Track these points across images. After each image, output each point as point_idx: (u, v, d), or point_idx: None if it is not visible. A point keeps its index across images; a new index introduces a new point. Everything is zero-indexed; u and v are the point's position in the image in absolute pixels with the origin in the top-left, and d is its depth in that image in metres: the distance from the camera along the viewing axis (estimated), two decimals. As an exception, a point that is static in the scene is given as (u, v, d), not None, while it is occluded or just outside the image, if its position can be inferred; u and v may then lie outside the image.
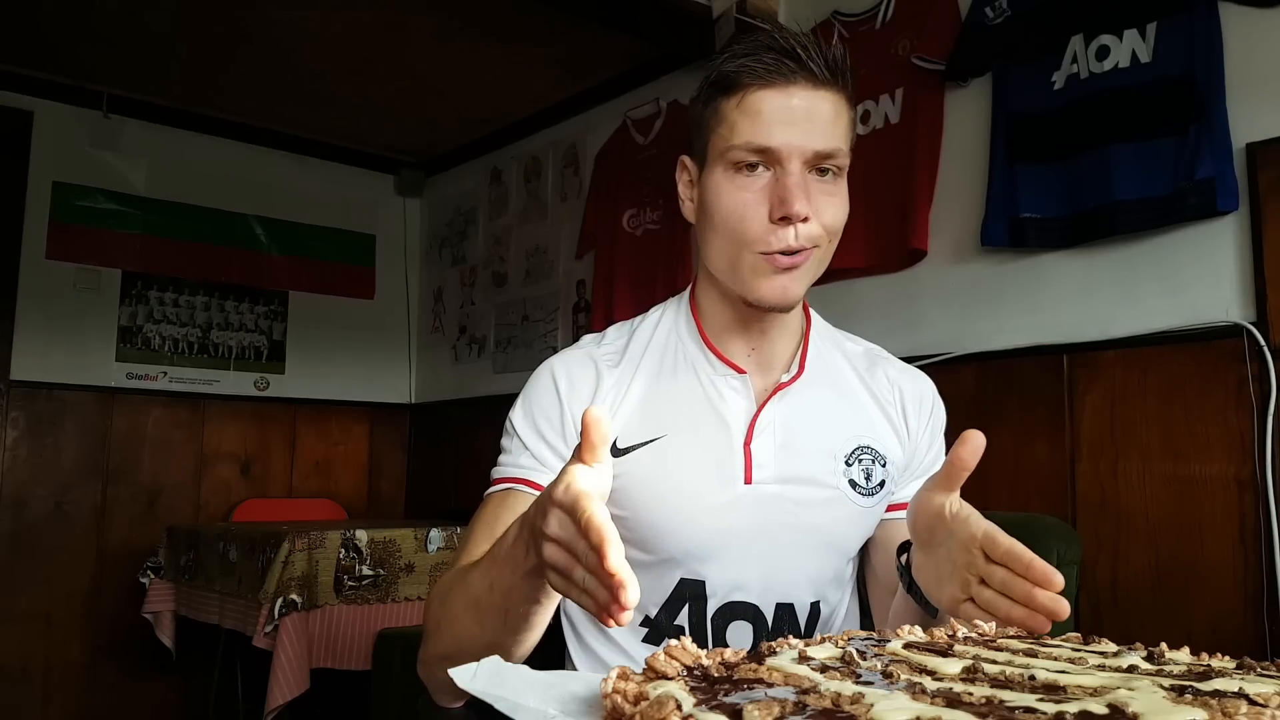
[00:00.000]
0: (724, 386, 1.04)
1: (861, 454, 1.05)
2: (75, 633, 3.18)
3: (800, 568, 1.03)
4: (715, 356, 1.05)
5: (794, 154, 0.94)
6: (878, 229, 2.22)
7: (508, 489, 1.02)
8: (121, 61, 3.10)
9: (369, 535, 2.51)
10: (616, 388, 1.05)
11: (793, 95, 0.94)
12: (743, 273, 0.98)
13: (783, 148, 0.93)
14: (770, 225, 0.95)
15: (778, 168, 0.95)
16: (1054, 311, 1.95)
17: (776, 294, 0.97)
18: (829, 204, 0.96)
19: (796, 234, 0.94)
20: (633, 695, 0.42)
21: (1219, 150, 1.69)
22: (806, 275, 0.98)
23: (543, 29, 2.79)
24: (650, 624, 1.03)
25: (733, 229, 0.97)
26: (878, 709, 0.38)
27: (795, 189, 0.93)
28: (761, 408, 1.03)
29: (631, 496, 1.00)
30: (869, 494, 1.04)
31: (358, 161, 3.95)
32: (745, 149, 0.94)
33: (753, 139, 0.94)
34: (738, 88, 0.95)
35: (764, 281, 0.97)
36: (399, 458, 4.01)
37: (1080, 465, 1.88)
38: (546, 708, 0.43)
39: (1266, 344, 1.64)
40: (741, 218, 0.96)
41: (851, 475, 1.04)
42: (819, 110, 0.94)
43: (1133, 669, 0.51)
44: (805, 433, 1.04)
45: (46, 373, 3.19)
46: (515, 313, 3.53)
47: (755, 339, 1.05)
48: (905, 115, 2.21)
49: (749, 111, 0.94)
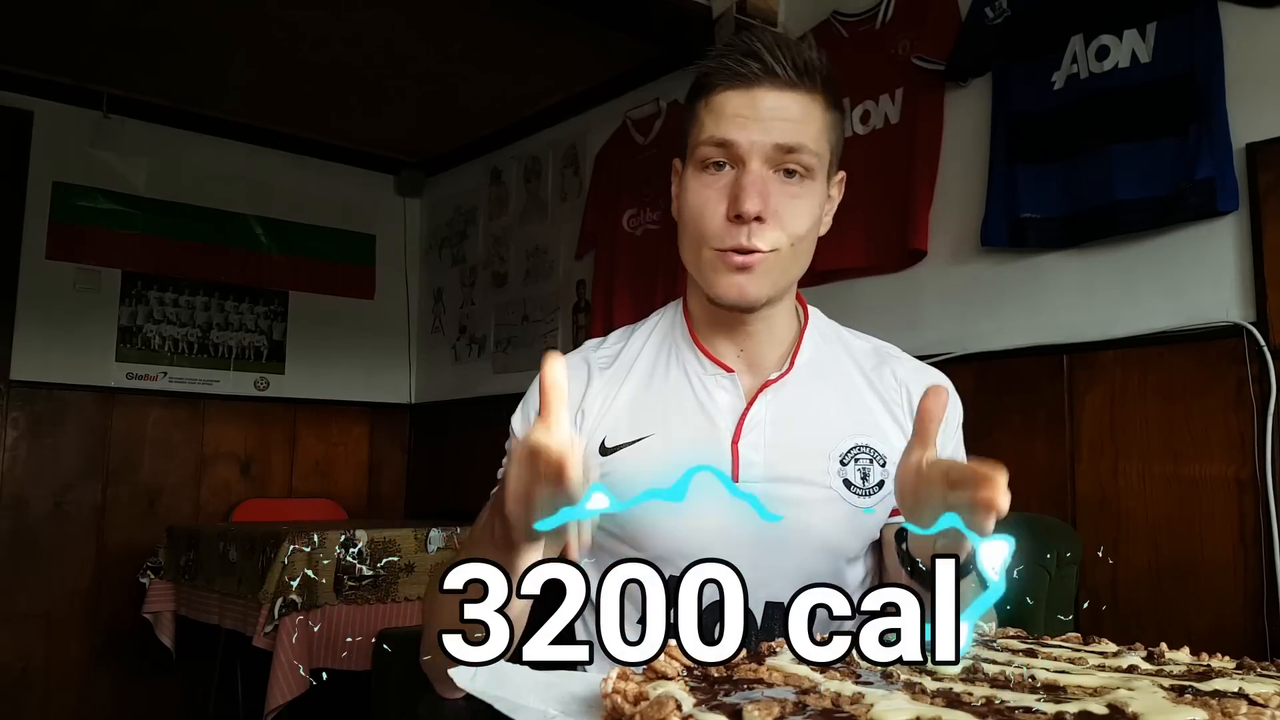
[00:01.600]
0: (713, 385, 1.05)
1: (859, 453, 1.04)
2: (75, 633, 3.18)
3: (791, 568, 1.02)
4: (704, 356, 1.06)
5: (754, 149, 0.95)
6: (878, 229, 2.22)
7: None
8: (121, 61, 3.10)
9: (369, 535, 2.51)
10: (606, 389, 1.07)
11: (757, 95, 0.96)
12: (704, 270, 1.00)
13: (741, 142, 0.95)
14: (726, 223, 0.96)
15: (740, 166, 0.96)
16: (1054, 311, 1.95)
17: (733, 293, 0.98)
18: (791, 206, 0.97)
19: (749, 234, 0.95)
20: (633, 695, 0.42)
21: (1219, 150, 1.69)
22: (766, 278, 0.99)
23: (542, 29, 2.79)
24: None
25: (694, 225, 0.99)
26: (878, 709, 0.39)
27: (749, 187, 0.95)
28: (749, 406, 1.03)
29: (619, 495, 1.00)
30: (865, 494, 1.03)
31: (358, 161, 3.94)
32: (708, 144, 0.97)
33: (715, 133, 0.96)
34: (707, 89, 0.99)
35: (720, 279, 0.99)
36: (399, 458, 4.01)
37: (1080, 465, 1.88)
38: (546, 708, 0.43)
39: (1266, 344, 1.64)
40: (701, 214, 0.98)
41: (846, 475, 1.03)
42: (784, 109, 0.96)
43: (1133, 669, 0.51)
44: (797, 431, 1.03)
45: (46, 373, 3.19)
46: (515, 313, 3.53)
47: (741, 339, 1.06)
48: (905, 115, 2.21)
49: (714, 110, 0.98)
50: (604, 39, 2.80)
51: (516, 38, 2.87)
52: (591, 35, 2.78)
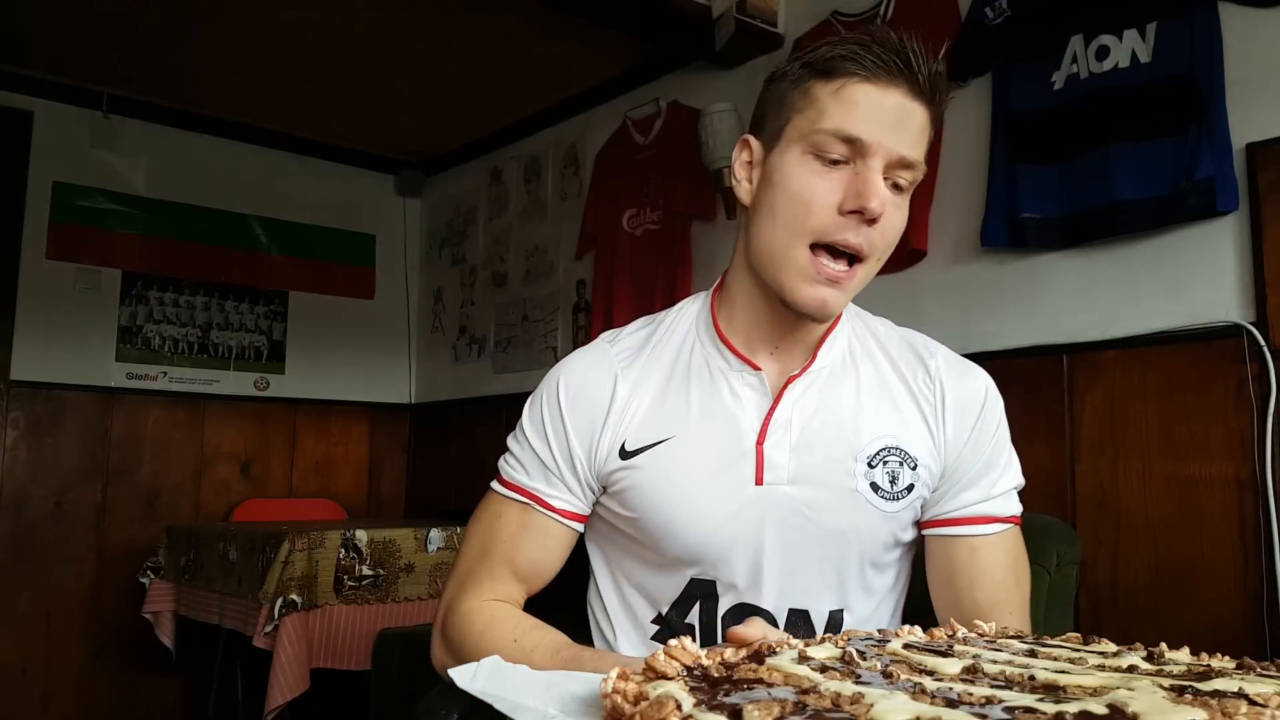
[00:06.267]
0: (739, 384, 1.00)
1: (888, 456, 0.99)
2: (75, 633, 3.18)
3: (816, 574, 0.99)
4: (731, 353, 1.01)
5: (880, 152, 0.90)
6: (878, 229, 2.21)
7: (521, 503, 1.03)
8: (121, 61, 3.10)
9: (369, 535, 2.51)
10: (631, 389, 1.02)
11: (891, 96, 0.91)
12: (789, 271, 0.93)
13: (872, 142, 0.90)
14: (839, 217, 0.91)
15: (859, 161, 0.91)
16: (1054, 311, 1.95)
17: (816, 304, 0.93)
18: (894, 215, 0.93)
19: (860, 232, 0.91)
20: (633, 695, 0.41)
21: (1219, 150, 1.69)
22: (849, 292, 0.95)
23: (543, 29, 2.79)
24: (662, 622, 1.02)
25: (795, 214, 0.92)
26: (878, 709, 0.38)
27: (876, 185, 0.90)
28: (775, 406, 0.99)
29: (640, 498, 0.99)
30: (894, 498, 0.99)
31: (358, 161, 3.94)
32: (833, 135, 0.90)
33: (844, 126, 0.90)
34: (839, 74, 0.91)
35: (806, 286, 0.93)
36: (399, 458, 4.00)
37: (1080, 465, 1.88)
38: (546, 708, 0.43)
39: (1266, 344, 1.64)
40: (810, 204, 0.91)
41: (874, 478, 0.98)
42: (913, 118, 0.91)
43: (1133, 669, 0.51)
44: (824, 433, 0.99)
45: (46, 373, 3.19)
46: (515, 313, 3.53)
47: (781, 338, 1.01)
48: (905, 115, 2.21)
49: (845, 100, 0.90)
50: (604, 39, 2.80)
51: (516, 38, 2.87)
52: (591, 35, 2.78)
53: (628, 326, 1.10)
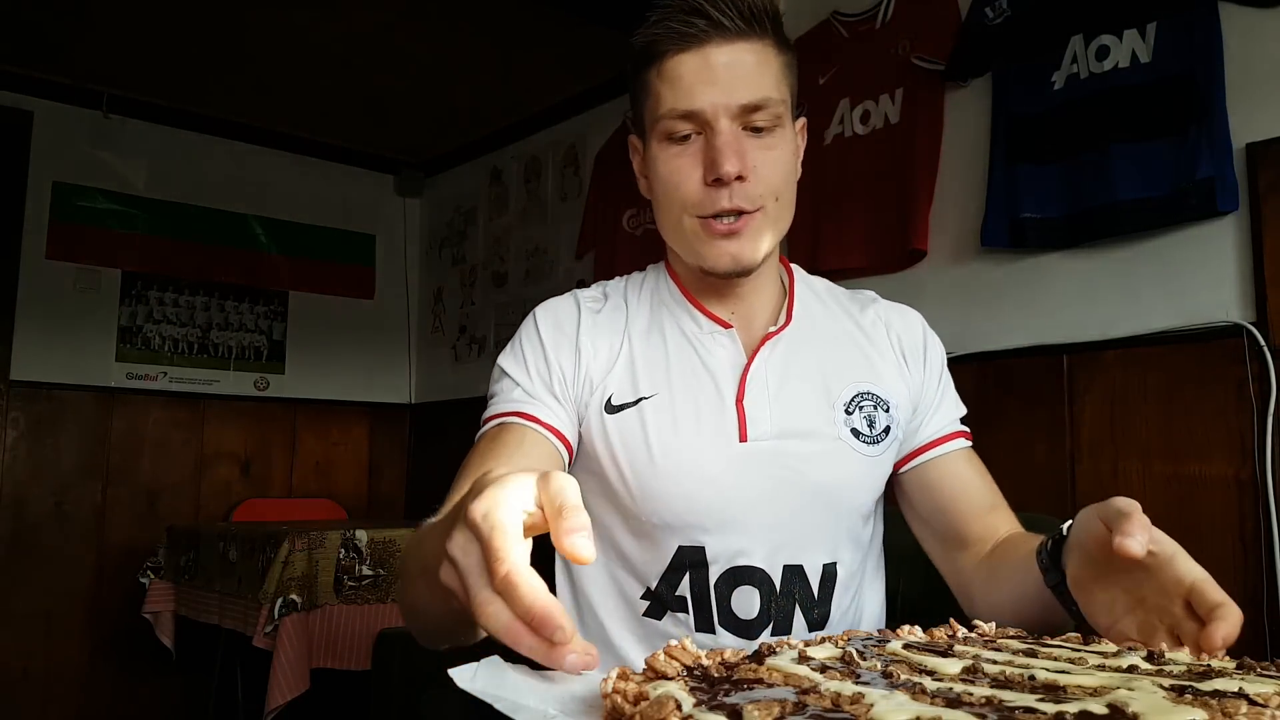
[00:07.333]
0: (711, 343, 1.02)
1: (862, 401, 1.01)
2: (75, 633, 3.18)
3: (807, 527, 0.98)
4: (700, 313, 1.03)
5: (720, 112, 0.92)
6: (878, 229, 2.22)
7: (501, 423, 1.00)
8: (121, 61, 3.10)
9: (369, 535, 2.51)
10: (604, 339, 1.03)
11: (710, 54, 0.92)
12: (690, 241, 0.97)
13: (707, 108, 0.91)
14: (705, 188, 0.93)
15: (708, 129, 0.92)
16: (1054, 311, 1.95)
17: (726, 260, 0.96)
18: (767, 159, 0.94)
19: (731, 195, 0.92)
20: (633, 695, 0.41)
21: (1219, 150, 1.69)
22: (758, 238, 0.96)
23: (543, 29, 2.80)
24: (652, 596, 0.99)
25: (672, 197, 0.96)
26: (878, 709, 0.38)
27: (725, 148, 0.91)
28: (751, 361, 1.00)
29: (622, 460, 0.98)
30: (873, 442, 1.00)
31: (358, 161, 3.95)
32: (672, 116, 0.93)
33: (676, 105, 0.92)
34: (655, 54, 0.94)
35: (710, 249, 0.96)
36: (399, 458, 4.01)
37: (1080, 465, 1.88)
38: (546, 708, 0.43)
39: (1266, 344, 1.64)
40: (677, 184, 0.95)
41: (853, 424, 1.00)
42: (741, 63, 0.92)
43: (1133, 669, 0.51)
44: (800, 385, 1.00)
45: (46, 373, 3.19)
46: (515, 313, 3.53)
47: (732, 302, 1.04)
48: (905, 115, 2.21)
49: (669, 77, 0.93)
50: (604, 39, 2.80)
51: (516, 38, 2.87)
52: (591, 35, 2.78)
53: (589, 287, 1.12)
